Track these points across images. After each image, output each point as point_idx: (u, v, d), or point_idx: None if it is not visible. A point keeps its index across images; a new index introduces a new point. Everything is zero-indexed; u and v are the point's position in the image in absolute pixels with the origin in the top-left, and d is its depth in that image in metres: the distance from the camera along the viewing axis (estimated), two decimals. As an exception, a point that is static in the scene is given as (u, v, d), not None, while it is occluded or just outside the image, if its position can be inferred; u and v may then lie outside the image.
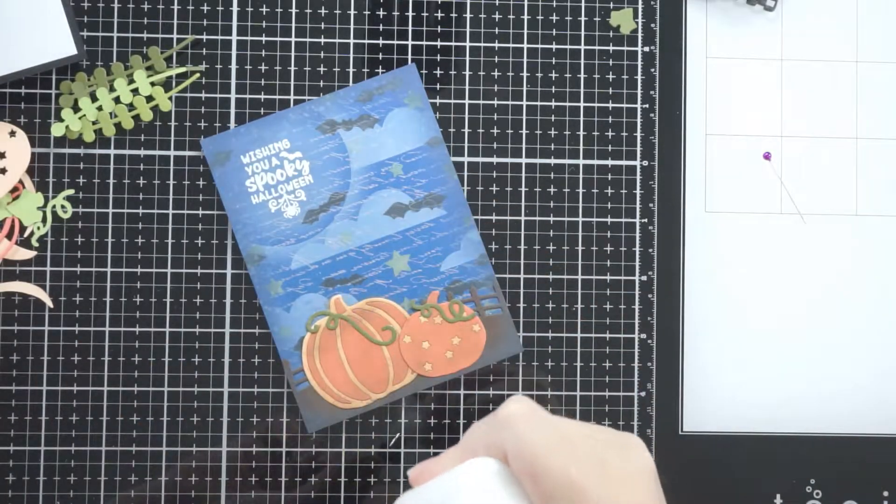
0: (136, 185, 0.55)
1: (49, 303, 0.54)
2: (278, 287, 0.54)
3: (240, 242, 0.54)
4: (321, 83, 0.55)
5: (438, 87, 0.56)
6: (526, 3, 0.56)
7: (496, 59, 0.56)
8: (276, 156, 0.54)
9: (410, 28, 0.56)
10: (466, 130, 0.56)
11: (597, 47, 0.56)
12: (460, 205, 0.55)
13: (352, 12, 0.56)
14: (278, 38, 0.55)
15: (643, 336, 0.56)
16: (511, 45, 0.56)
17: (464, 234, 0.55)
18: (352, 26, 0.56)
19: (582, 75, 0.56)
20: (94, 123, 0.54)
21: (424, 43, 0.56)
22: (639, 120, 0.56)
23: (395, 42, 0.56)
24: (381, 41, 0.56)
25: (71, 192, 0.54)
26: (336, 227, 0.54)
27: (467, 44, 0.56)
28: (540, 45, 0.56)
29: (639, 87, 0.56)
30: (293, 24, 0.55)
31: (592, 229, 0.56)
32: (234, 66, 0.55)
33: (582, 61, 0.56)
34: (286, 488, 0.54)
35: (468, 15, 0.56)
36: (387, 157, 0.55)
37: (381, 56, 0.56)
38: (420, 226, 0.55)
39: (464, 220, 0.55)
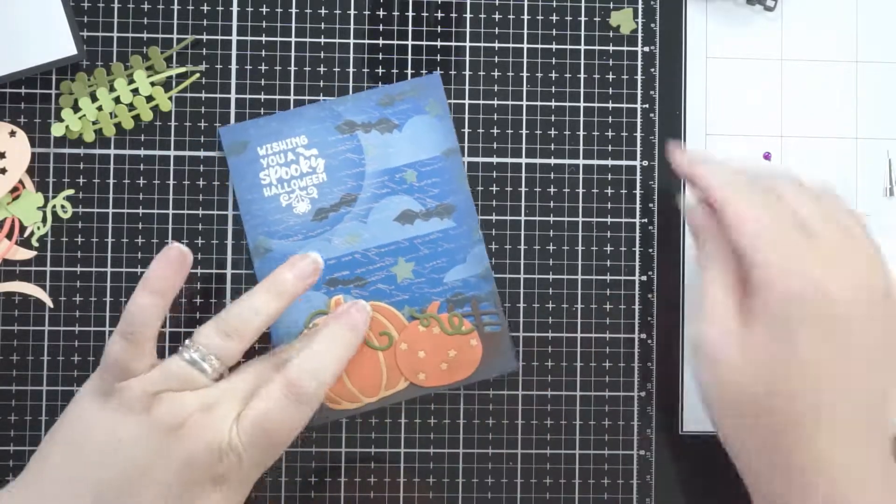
0: (136, 185, 0.55)
1: (49, 303, 0.54)
2: None
3: (248, 234, 0.54)
4: (321, 83, 0.55)
5: (438, 87, 0.56)
6: (526, 3, 0.56)
7: (496, 59, 0.56)
8: (292, 151, 0.54)
9: (410, 28, 0.56)
10: (466, 130, 0.56)
11: (597, 47, 0.56)
12: (470, 218, 0.55)
13: (352, 12, 0.56)
14: (278, 38, 0.55)
15: (643, 336, 0.56)
16: (511, 45, 0.56)
17: (471, 247, 0.55)
18: (352, 26, 0.56)
19: (582, 75, 0.56)
20: (94, 123, 0.54)
21: (424, 43, 0.56)
22: (639, 120, 0.56)
23: (395, 42, 0.56)
24: (381, 41, 0.56)
25: (71, 192, 0.54)
26: (344, 228, 0.54)
27: (467, 44, 0.56)
28: (540, 45, 0.56)
29: (639, 87, 0.56)
30: (293, 24, 0.56)
31: (592, 229, 0.56)
32: (234, 66, 0.55)
33: (582, 61, 0.56)
34: (286, 488, 0.54)
35: (468, 15, 0.56)
36: (402, 164, 0.55)
37: (381, 56, 0.56)
38: (428, 235, 0.54)
39: (472, 233, 0.55)
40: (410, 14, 0.56)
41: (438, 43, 0.56)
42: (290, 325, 0.54)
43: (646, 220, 0.56)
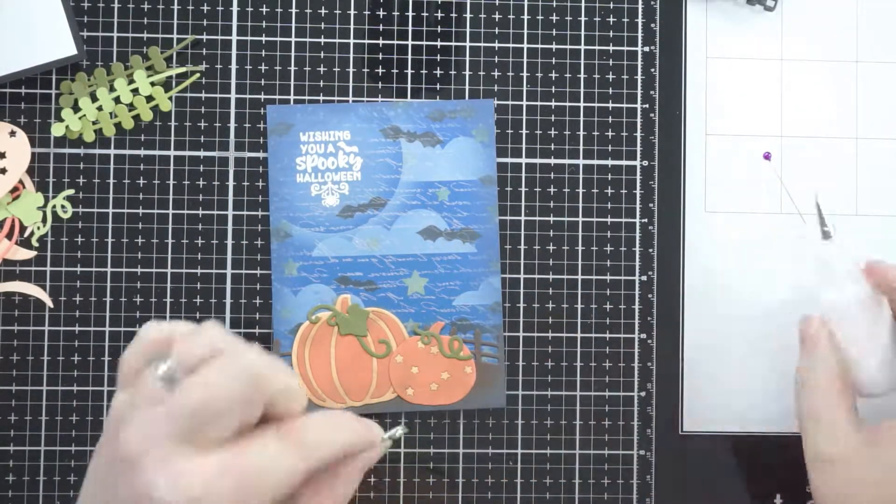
0: (136, 185, 0.55)
1: (49, 303, 0.54)
2: (294, 268, 0.54)
3: (271, 215, 0.54)
4: (321, 83, 0.55)
5: (438, 87, 0.56)
6: (526, 3, 0.56)
7: (496, 59, 0.56)
8: (333, 143, 0.54)
9: (410, 28, 0.56)
10: (466, 130, 0.56)
11: (597, 47, 0.56)
12: (492, 248, 0.55)
13: (352, 12, 0.56)
14: (278, 38, 0.55)
15: (643, 336, 0.56)
16: (511, 45, 0.56)
17: (486, 276, 0.55)
18: (352, 26, 0.56)
19: (582, 75, 0.56)
20: (94, 123, 0.54)
21: (424, 43, 0.56)
22: (639, 120, 0.56)
23: (395, 42, 0.56)
24: (381, 41, 0.56)
25: (71, 192, 0.54)
26: (367, 230, 0.54)
27: (467, 44, 0.56)
28: (540, 46, 0.56)
29: (639, 87, 0.56)
30: (293, 24, 0.56)
31: (592, 229, 0.56)
32: (234, 66, 0.55)
33: (582, 61, 0.56)
34: (286, 488, 0.54)
35: (468, 15, 0.56)
36: (438, 180, 0.55)
37: (381, 56, 0.56)
38: (447, 255, 0.55)
39: (491, 263, 0.55)
40: (410, 14, 0.56)
41: (438, 43, 0.56)
42: (295, 312, 0.54)
43: (646, 220, 0.56)
